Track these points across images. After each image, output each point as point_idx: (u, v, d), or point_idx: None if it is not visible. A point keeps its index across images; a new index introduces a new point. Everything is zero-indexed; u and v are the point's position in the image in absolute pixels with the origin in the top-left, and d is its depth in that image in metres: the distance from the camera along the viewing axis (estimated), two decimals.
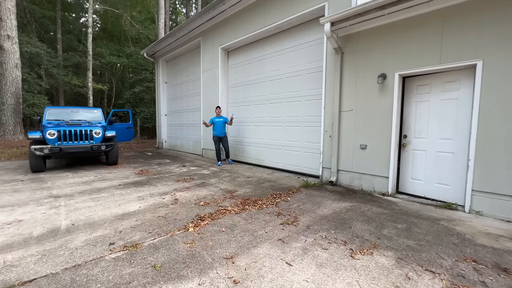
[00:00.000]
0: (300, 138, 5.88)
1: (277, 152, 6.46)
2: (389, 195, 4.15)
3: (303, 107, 5.78)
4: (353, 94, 4.57)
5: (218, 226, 2.94)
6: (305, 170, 5.80)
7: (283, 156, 6.31)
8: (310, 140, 5.64)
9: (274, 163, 6.58)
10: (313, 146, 5.58)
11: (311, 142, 5.62)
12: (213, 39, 7.92)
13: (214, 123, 7.03)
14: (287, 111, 6.16)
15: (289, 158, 6.17)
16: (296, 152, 6.00)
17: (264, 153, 6.84)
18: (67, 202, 3.80)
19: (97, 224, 2.98)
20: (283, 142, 6.31)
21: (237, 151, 7.75)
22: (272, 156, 6.63)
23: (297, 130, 5.93)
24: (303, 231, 2.80)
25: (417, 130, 4.06)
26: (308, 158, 5.72)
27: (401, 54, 3.96)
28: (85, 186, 4.72)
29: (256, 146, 7.11)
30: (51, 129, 5.97)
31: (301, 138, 5.85)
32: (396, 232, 2.78)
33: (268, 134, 6.72)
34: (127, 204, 3.71)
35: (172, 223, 3.03)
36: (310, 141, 5.66)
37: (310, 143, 5.66)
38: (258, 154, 7.05)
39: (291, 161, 6.13)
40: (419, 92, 4.00)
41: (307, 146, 5.73)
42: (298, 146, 5.95)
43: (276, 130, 6.46)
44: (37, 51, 13.43)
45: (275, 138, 6.52)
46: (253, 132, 7.19)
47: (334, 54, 4.73)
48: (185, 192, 4.37)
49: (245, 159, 7.47)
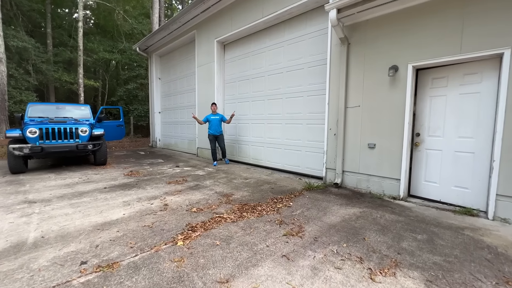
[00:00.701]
0: (301, 136, 5.50)
1: (277, 152, 6.07)
2: (400, 199, 3.78)
3: (304, 103, 5.38)
4: (361, 88, 4.19)
5: (211, 238, 2.54)
6: (306, 171, 5.41)
7: (283, 155, 5.92)
8: (312, 138, 5.26)
9: (273, 163, 6.18)
10: (315, 145, 5.19)
11: (313, 141, 5.24)
12: (209, 31, 7.47)
13: (210, 121, 6.56)
14: (287, 107, 5.76)
15: (289, 158, 5.78)
16: (297, 151, 5.61)
17: (263, 152, 6.45)
18: (42, 208, 3.37)
19: (71, 237, 2.57)
20: (282, 140, 5.92)
21: (234, 150, 7.34)
22: (271, 155, 6.23)
23: (298, 128, 5.54)
24: (310, 244, 2.41)
25: (432, 127, 3.69)
26: (310, 158, 5.34)
27: (415, 43, 3.58)
28: (67, 190, 4.28)
29: (254, 145, 6.71)
30: (32, 127, 5.50)
31: (303, 137, 5.47)
32: (417, 245, 2.41)
33: (266, 132, 6.32)
34: (110, 211, 3.29)
35: (159, 234, 2.63)
36: (312, 140, 5.27)
37: (312, 141, 5.27)
38: (256, 153, 6.65)
39: (291, 161, 5.74)
40: (435, 85, 3.63)
41: (309, 145, 5.34)
42: (299, 145, 5.56)
43: (276, 128, 6.07)
44: (24, 45, 12.81)
45: (274, 137, 6.13)
46: (250, 130, 6.79)
47: (340, 45, 4.34)
48: (177, 196, 3.96)
49: (242, 159, 7.07)
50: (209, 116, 6.60)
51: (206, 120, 6.62)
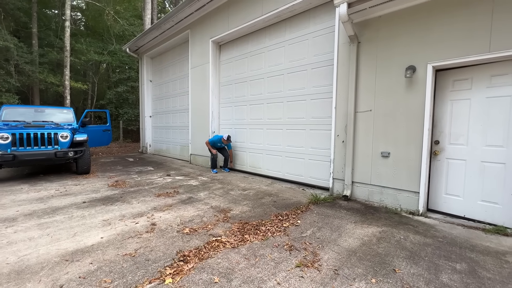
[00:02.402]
0: (304, 143, 5.07)
1: (277, 160, 5.61)
2: (419, 214, 3.38)
3: (307, 107, 4.97)
4: (372, 91, 3.81)
5: (208, 271, 2.05)
6: (310, 180, 4.97)
7: (284, 164, 5.47)
8: (317, 145, 4.84)
9: (273, 172, 5.73)
10: (320, 153, 4.77)
11: (318, 148, 4.81)
12: (203, 31, 7.03)
13: (215, 144, 6.28)
14: (288, 111, 5.34)
15: (291, 166, 5.34)
16: (299, 159, 5.17)
17: (262, 160, 5.98)
18: (2, 231, 2.80)
19: (29, 272, 2.03)
20: (284, 147, 5.48)
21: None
22: (271, 163, 5.77)
23: (301, 134, 5.12)
24: (332, 280, 1.95)
25: (453, 134, 3.32)
26: (314, 167, 4.90)
27: (435, 41, 3.23)
28: (38, 205, 3.71)
29: (252, 152, 6.24)
30: (3, 132, 4.89)
31: (306, 144, 5.04)
32: (460, 278, 1.98)
33: (266, 138, 5.87)
34: (86, 234, 2.76)
35: (143, 267, 2.12)
36: (316, 147, 4.85)
37: (316, 149, 4.85)
38: (254, 161, 6.18)
39: (293, 170, 5.29)
40: (456, 88, 3.28)
41: (313, 152, 4.92)
42: (301, 152, 5.13)
43: (276, 134, 5.63)
44: (6, 44, 12.05)
45: (274, 143, 5.68)
46: (248, 136, 6.32)
47: (349, 44, 3.97)
48: (167, 213, 3.45)
49: (240, 167, 6.58)
50: (217, 140, 6.24)
51: (212, 142, 6.27)
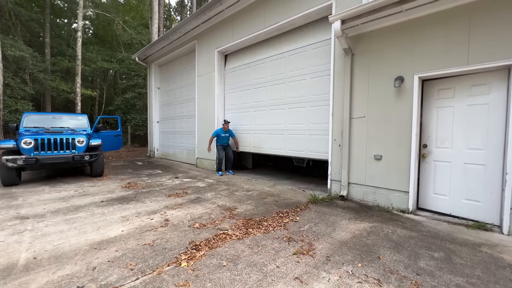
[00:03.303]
0: (304, 147, 5.40)
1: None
2: (409, 212, 3.67)
3: (307, 114, 5.32)
4: (365, 99, 4.14)
5: (217, 257, 2.38)
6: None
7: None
8: (315, 149, 5.17)
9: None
10: (319, 156, 5.10)
11: (317, 152, 5.14)
12: (209, 42, 7.48)
13: (219, 137, 6.63)
14: (289, 117, 5.69)
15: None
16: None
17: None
18: (35, 225, 3.18)
19: (66, 257, 2.39)
20: (285, 151, 5.81)
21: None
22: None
23: (301, 139, 5.45)
24: (323, 265, 2.27)
25: (440, 139, 3.63)
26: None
27: (421, 54, 3.56)
28: (62, 204, 4.09)
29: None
30: (27, 138, 5.33)
31: (306, 148, 5.37)
32: (436, 264, 2.28)
33: (267, 142, 6.22)
34: (108, 228, 3.12)
35: (161, 254, 2.46)
36: (315, 151, 5.18)
37: (315, 153, 5.18)
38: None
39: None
40: (441, 96, 3.60)
41: (312, 155, 5.24)
42: (302, 156, 5.45)
43: (277, 138, 5.97)
44: (22, 54, 12.71)
45: (276, 147, 6.02)
46: (252, 141, 6.68)
47: (343, 56, 4.32)
48: (178, 210, 3.80)
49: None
50: (219, 131, 6.63)
51: (215, 135, 6.66)
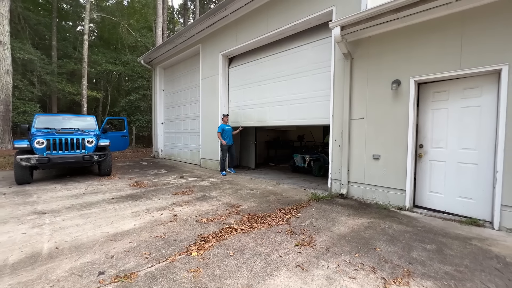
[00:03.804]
0: (306, 115, 5.58)
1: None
2: (406, 209, 3.84)
3: (308, 110, 5.46)
4: (364, 101, 4.33)
5: (224, 248, 2.58)
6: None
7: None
8: (318, 116, 5.32)
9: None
10: (321, 122, 5.26)
11: (319, 118, 5.29)
12: (213, 45, 7.71)
13: (225, 131, 6.92)
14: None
15: None
16: None
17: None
18: (52, 219, 3.39)
19: (85, 247, 2.59)
20: (288, 121, 6.00)
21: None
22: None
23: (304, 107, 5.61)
24: (323, 255, 2.45)
25: (435, 139, 3.80)
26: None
27: (417, 59, 3.75)
28: (74, 200, 4.31)
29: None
30: (39, 138, 5.57)
31: (308, 115, 5.53)
32: (427, 255, 2.46)
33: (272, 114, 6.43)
34: (121, 222, 3.32)
35: (172, 245, 2.66)
36: (317, 117, 5.33)
37: (317, 119, 5.33)
38: None
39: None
40: (436, 99, 3.78)
41: (315, 122, 5.40)
42: (304, 123, 5.64)
43: (281, 110, 6.14)
44: (30, 57, 13.06)
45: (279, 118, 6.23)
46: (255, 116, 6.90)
47: (343, 60, 4.52)
48: (185, 207, 4.00)
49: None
50: (223, 126, 6.95)
51: (220, 130, 6.94)
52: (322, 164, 6.88)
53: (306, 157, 7.00)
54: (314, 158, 7.01)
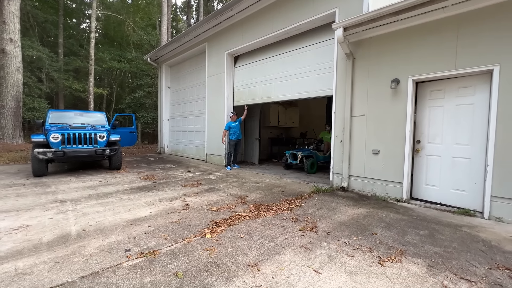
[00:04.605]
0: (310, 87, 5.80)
1: None
2: (403, 201, 4.08)
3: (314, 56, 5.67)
4: (365, 99, 4.56)
5: (235, 232, 2.84)
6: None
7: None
8: (321, 88, 5.52)
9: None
10: (324, 93, 5.47)
11: (322, 90, 5.50)
12: (219, 44, 7.94)
13: (231, 128, 7.17)
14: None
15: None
16: None
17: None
18: (74, 207, 3.67)
19: (108, 230, 2.86)
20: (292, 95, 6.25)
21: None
22: None
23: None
24: (325, 238, 2.71)
25: (431, 135, 4.03)
26: None
27: (415, 59, 3.96)
28: (91, 191, 4.59)
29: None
30: (55, 132, 5.85)
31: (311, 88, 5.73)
32: (420, 238, 2.70)
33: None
34: (137, 209, 3.59)
35: (187, 229, 2.93)
36: (320, 89, 5.54)
37: (320, 91, 5.54)
38: None
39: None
40: (433, 97, 4.00)
41: (318, 94, 5.62)
42: (308, 96, 5.87)
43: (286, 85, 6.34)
44: (39, 55, 13.35)
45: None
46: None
47: (345, 59, 4.74)
48: (195, 197, 4.26)
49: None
50: (230, 124, 7.22)
51: (227, 128, 7.21)
52: (314, 161, 6.85)
53: (298, 154, 6.89)
54: (306, 154, 6.95)
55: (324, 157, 7.29)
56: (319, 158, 7.12)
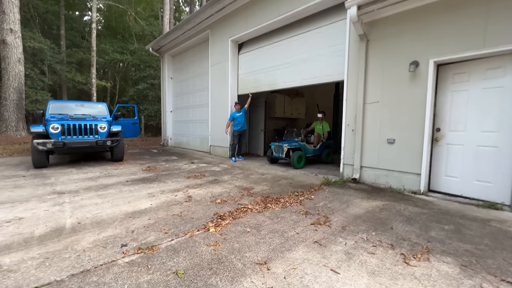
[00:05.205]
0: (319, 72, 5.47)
1: None
2: (421, 193, 3.80)
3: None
4: (380, 84, 4.23)
5: (241, 226, 2.61)
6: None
7: None
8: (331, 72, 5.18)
9: None
10: (335, 79, 5.13)
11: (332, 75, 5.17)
12: (223, 31, 7.59)
13: (235, 118, 6.94)
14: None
15: None
16: None
17: None
18: (71, 198, 3.49)
19: (105, 223, 2.67)
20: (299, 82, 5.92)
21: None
22: None
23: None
24: (340, 232, 2.46)
25: (453, 122, 3.70)
26: None
27: (436, 39, 3.61)
28: (91, 182, 4.42)
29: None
30: (54, 123, 5.67)
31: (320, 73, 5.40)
32: (446, 234, 2.44)
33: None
34: (137, 201, 3.40)
35: (190, 222, 2.71)
36: (330, 74, 5.20)
37: (331, 75, 5.20)
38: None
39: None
40: (456, 80, 3.65)
41: (328, 79, 5.27)
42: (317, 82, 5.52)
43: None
44: (41, 46, 13.16)
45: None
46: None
47: (358, 42, 4.39)
48: (198, 189, 4.05)
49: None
50: (233, 114, 6.98)
51: (231, 119, 6.97)
52: (302, 154, 6.04)
53: (284, 146, 5.95)
54: (293, 147, 6.05)
55: (313, 150, 6.60)
56: (308, 151, 6.40)
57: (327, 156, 6.91)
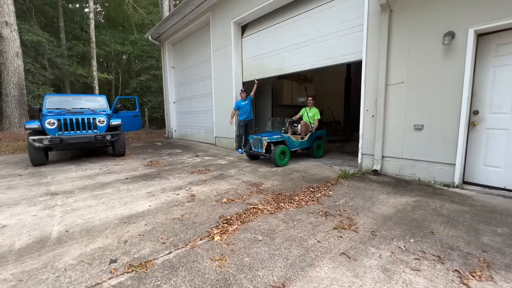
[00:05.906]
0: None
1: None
2: (455, 186, 3.32)
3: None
4: (405, 62, 3.67)
5: (251, 232, 2.23)
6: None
7: None
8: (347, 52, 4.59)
9: None
10: (351, 59, 4.55)
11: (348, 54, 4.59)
12: (224, 12, 7.01)
13: (241, 107, 6.50)
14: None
15: None
16: None
17: None
18: (64, 200, 3.18)
19: (96, 231, 2.33)
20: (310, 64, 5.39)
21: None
22: None
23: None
24: (370, 240, 2.05)
25: (495, 103, 3.16)
26: None
27: (477, 2, 3.01)
28: (88, 181, 4.11)
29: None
30: (50, 118, 5.35)
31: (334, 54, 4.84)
32: (503, 240, 1.99)
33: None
34: (135, 203, 3.05)
35: (191, 228, 2.35)
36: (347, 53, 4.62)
37: (347, 55, 4.63)
38: None
39: None
40: (501, 53, 3.07)
41: (343, 60, 4.72)
42: (330, 64, 4.96)
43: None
44: (39, 39, 12.81)
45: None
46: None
47: (379, 14, 3.81)
48: (202, 186, 3.68)
49: None
50: (239, 103, 6.55)
51: (236, 108, 6.57)
52: (285, 149, 4.98)
53: (264, 140, 4.90)
54: (275, 140, 4.99)
55: (301, 143, 5.47)
56: (293, 145, 5.30)
57: (317, 148, 5.79)
